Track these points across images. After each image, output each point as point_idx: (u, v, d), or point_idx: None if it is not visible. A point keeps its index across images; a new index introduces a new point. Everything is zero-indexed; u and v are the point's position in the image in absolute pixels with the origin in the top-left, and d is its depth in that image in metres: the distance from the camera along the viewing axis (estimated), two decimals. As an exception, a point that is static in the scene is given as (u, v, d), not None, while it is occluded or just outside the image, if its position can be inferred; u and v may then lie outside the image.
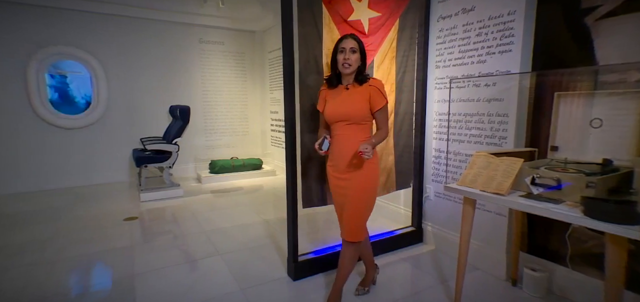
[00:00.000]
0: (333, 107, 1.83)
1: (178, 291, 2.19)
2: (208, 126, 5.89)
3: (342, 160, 1.83)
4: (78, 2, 4.64)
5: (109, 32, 4.96)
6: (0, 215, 3.74)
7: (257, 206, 4.06)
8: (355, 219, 1.84)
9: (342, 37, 1.82)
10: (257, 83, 6.26)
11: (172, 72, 5.47)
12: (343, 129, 1.82)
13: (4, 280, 2.33)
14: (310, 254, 2.43)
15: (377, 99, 1.79)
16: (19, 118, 4.57)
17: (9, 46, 4.41)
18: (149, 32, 5.22)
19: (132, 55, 5.15)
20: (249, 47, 6.10)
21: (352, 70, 1.80)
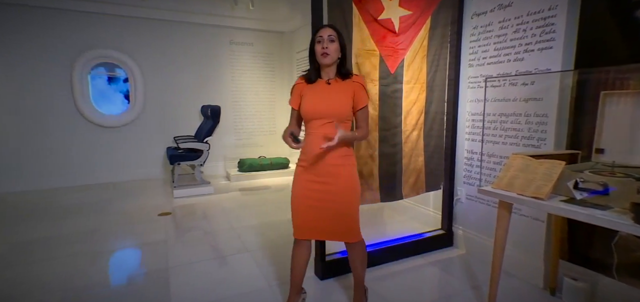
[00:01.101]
0: (312, 103, 1.66)
1: (209, 285, 2.26)
2: (237, 125, 6.04)
3: (322, 162, 1.67)
4: (118, 7, 4.90)
5: (146, 35, 5.20)
6: (49, 207, 4.02)
7: (283, 205, 4.11)
8: (351, 219, 1.73)
9: (319, 27, 1.70)
10: (284, 83, 6.34)
11: (203, 72, 5.65)
12: (321, 128, 1.65)
13: (56, 267, 2.51)
14: (338, 254, 2.43)
15: (361, 96, 1.67)
16: (64, 117, 4.89)
17: (57, 50, 4.73)
18: (182, 35, 5.42)
19: (167, 57, 5.38)
20: (278, 48, 6.19)
21: (332, 61, 1.65)
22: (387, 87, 2.34)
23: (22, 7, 4.47)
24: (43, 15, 4.61)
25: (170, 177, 5.27)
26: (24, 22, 4.52)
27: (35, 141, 4.76)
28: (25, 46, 4.56)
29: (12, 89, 4.57)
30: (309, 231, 1.78)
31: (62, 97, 4.84)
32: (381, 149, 2.39)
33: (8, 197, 4.44)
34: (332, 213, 1.71)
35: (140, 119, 5.33)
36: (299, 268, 1.85)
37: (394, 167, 2.48)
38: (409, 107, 2.45)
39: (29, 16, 4.53)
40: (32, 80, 4.66)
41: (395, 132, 2.43)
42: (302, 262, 1.84)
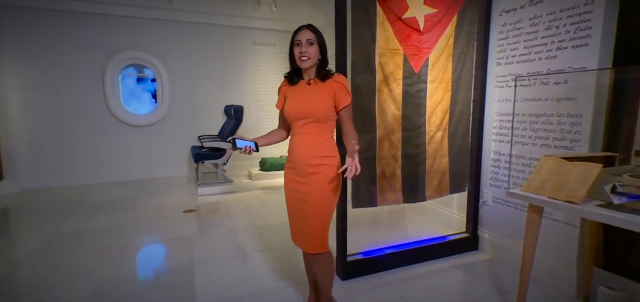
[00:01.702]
0: (294, 104, 1.65)
1: (232, 281, 2.30)
2: (259, 125, 6.11)
3: (303, 162, 1.63)
4: (146, 10, 5.08)
5: (172, 37, 5.36)
6: (82, 202, 4.22)
7: (305, 204, 4.12)
8: (320, 228, 1.65)
9: (298, 29, 1.64)
10: (306, 83, 6.36)
11: (227, 73, 5.77)
12: (304, 128, 1.64)
13: (89, 259, 2.63)
14: (359, 254, 2.42)
15: (342, 96, 1.62)
16: (96, 117, 5.12)
17: (90, 53, 4.96)
18: (206, 36, 5.55)
19: (192, 58, 5.52)
20: (299, 48, 6.21)
21: (311, 64, 1.62)
22: (411, 87, 2.30)
23: (58, 12, 4.72)
24: (77, 19, 4.84)
25: (194, 175, 5.41)
26: (60, 27, 4.77)
27: (69, 139, 5.01)
28: (60, 49, 4.80)
29: (49, 90, 4.83)
30: (296, 237, 1.75)
31: (94, 98, 5.07)
32: (404, 150, 2.36)
33: (46, 192, 4.70)
34: (303, 216, 1.65)
35: (166, 118, 5.50)
36: (308, 269, 1.89)
37: (417, 168, 2.44)
38: (433, 107, 2.40)
39: (64, 21, 4.77)
40: (67, 81, 4.91)
41: (418, 132, 2.39)
42: (309, 264, 1.84)
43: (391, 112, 2.27)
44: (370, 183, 2.31)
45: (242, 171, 5.98)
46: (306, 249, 1.70)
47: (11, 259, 2.66)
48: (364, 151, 2.26)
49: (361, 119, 2.20)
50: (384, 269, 2.41)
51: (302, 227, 1.67)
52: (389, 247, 2.56)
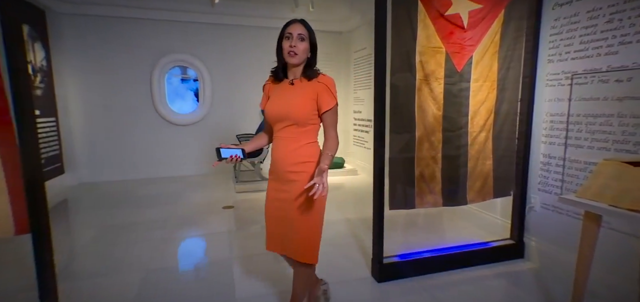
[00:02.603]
0: (274, 105, 1.54)
1: (269, 277, 2.35)
2: (294, 125, 6.20)
3: (283, 169, 1.53)
4: (190, 14, 5.33)
5: (213, 39, 5.58)
6: (131, 196, 4.52)
7: (338, 204, 4.12)
8: (311, 237, 1.55)
9: (289, 22, 1.53)
10: (341, 83, 6.36)
11: (264, 74, 5.83)
12: (284, 132, 1.53)
13: (137, 250, 2.81)
14: (396, 257, 2.37)
15: (326, 98, 1.50)
16: (144, 115, 5.45)
17: (138, 55, 5.29)
18: (245, 38, 5.72)
19: (232, 59, 5.72)
20: (335, 48, 6.23)
21: (299, 61, 1.51)
22: (453, 86, 2.22)
23: (111, 18, 5.08)
24: (128, 25, 5.19)
25: (232, 173, 5.59)
26: (113, 32, 5.13)
27: (120, 137, 5.38)
28: (113, 53, 5.17)
29: (103, 91, 5.21)
30: (274, 244, 1.66)
31: (143, 98, 5.40)
32: (445, 151, 2.28)
33: (99, 185, 5.08)
34: (292, 225, 1.55)
35: (207, 117, 5.74)
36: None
37: (459, 171, 2.35)
38: (476, 107, 2.30)
39: (117, 26, 5.13)
40: (119, 82, 5.27)
41: (460, 133, 2.30)
42: None
43: (431, 112, 2.20)
44: (408, 184, 2.26)
45: (278, 169, 6.09)
46: (298, 257, 1.58)
47: (70, 246, 2.90)
48: (402, 152, 2.21)
49: (399, 119, 2.16)
50: (421, 273, 2.35)
51: (289, 235, 1.57)
52: (426, 251, 2.49)
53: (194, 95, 5.96)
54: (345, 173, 5.70)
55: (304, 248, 1.56)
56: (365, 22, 5.37)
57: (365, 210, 3.88)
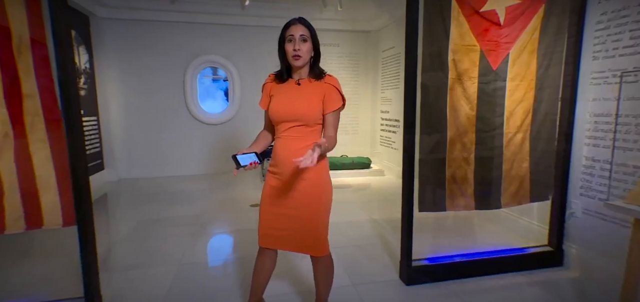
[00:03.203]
0: (280, 105, 1.53)
1: (295, 275, 2.37)
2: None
3: (286, 167, 1.53)
4: (220, 17, 5.47)
5: (243, 40, 5.70)
6: (164, 193, 4.71)
7: (364, 205, 4.09)
8: (322, 232, 1.58)
9: (289, 23, 1.52)
10: (369, 83, 6.31)
11: (292, 74, 5.96)
12: (290, 132, 1.53)
13: (170, 243, 2.93)
14: (425, 260, 2.32)
15: (333, 98, 1.52)
16: (177, 115, 5.66)
17: (172, 56, 5.50)
18: (274, 39, 5.76)
19: (260, 59, 5.81)
20: (363, 47, 6.18)
21: (304, 63, 1.51)
22: (488, 85, 2.14)
23: (147, 22, 5.31)
24: (163, 28, 5.41)
25: (260, 171, 5.69)
26: (149, 35, 5.36)
27: (154, 135, 5.62)
28: (150, 54, 5.41)
29: (140, 91, 5.47)
30: (273, 240, 1.64)
31: (176, 98, 5.61)
32: (478, 152, 2.20)
33: (136, 181, 5.34)
34: (297, 222, 1.56)
35: (236, 117, 5.87)
36: (261, 279, 1.73)
37: (493, 173, 2.26)
38: (513, 106, 2.20)
39: (152, 30, 5.36)
40: (154, 83, 5.51)
41: (495, 134, 2.21)
42: (265, 273, 1.73)
43: (464, 112, 2.13)
44: (439, 186, 2.20)
45: (304, 169, 6.13)
46: (313, 252, 1.61)
47: (109, 239, 3.07)
48: (432, 153, 2.16)
49: (430, 119, 2.11)
50: (452, 278, 2.28)
51: (299, 233, 1.58)
52: (457, 255, 2.42)
53: (224, 95, 6.13)
54: (372, 173, 5.65)
55: (318, 242, 1.59)
56: (394, 21, 5.28)
57: (392, 211, 3.83)
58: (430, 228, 3.21)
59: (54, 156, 1.71)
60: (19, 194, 1.69)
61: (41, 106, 1.65)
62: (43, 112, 1.66)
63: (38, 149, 1.67)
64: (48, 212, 1.74)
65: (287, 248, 1.64)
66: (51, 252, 2.71)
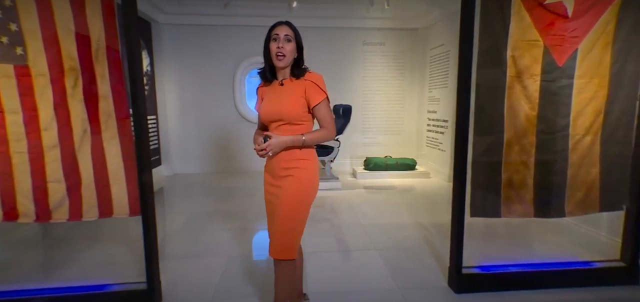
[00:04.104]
0: (266, 106, 1.61)
1: (339, 275, 2.37)
2: (365, 125, 6.17)
3: (277, 165, 1.59)
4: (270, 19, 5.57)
5: (289, 42, 5.82)
6: (215, 188, 4.97)
7: (409, 207, 3.98)
8: (286, 233, 1.55)
9: (275, 24, 1.58)
10: (415, 82, 6.13)
11: (336, 73, 5.98)
12: (277, 131, 1.58)
13: (220, 236, 3.08)
14: (476, 268, 2.20)
15: (314, 93, 1.54)
16: (226, 113, 5.94)
17: (223, 58, 5.78)
18: (319, 39, 5.85)
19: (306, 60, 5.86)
20: (410, 46, 6.03)
21: (286, 63, 1.56)
22: (552, 83, 1.97)
23: (202, 26, 5.63)
24: (215, 32, 5.70)
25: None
26: (202, 39, 5.69)
27: (206, 133, 5.95)
28: (203, 56, 5.73)
29: (193, 91, 5.81)
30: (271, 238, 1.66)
31: (226, 97, 5.89)
32: (539, 156, 2.04)
33: (189, 177, 5.69)
34: (277, 219, 1.57)
35: (281, 116, 6.02)
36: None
37: (555, 178, 2.08)
38: (581, 106, 2.01)
39: (207, 33, 5.67)
40: (206, 83, 5.82)
41: (559, 136, 2.04)
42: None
43: (524, 112, 1.99)
44: (493, 191, 2.07)
45: (347, 168, 6.12)
46: (271, 253, 1.58)
47: (165, 230, 3.30)
48: (487, 155, 2.04)
49: (485, 119, 2.00)
50: (505, 289, 2.15)
51: (273, 231, 1.59)
52: (512, 264, 2.27)
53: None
54: (417, 175, 5.48)
55: (281, 243, 1.56)
56: (444, 17, 5.08)
57: (439, 215, 3.69)
58: (479, 234, 3.04)
59: (122, 151, 1.88)
60: (94, 186, 1.88)
61: (113, 106, 1.82)
62: (115, 111, 1.83)
63: (110, 144, 1.85)
64: (117, 202, 1.92)
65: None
66: (114, 239, 2.98)
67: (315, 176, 1.62)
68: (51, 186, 1.83)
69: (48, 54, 1.72)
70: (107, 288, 2.01)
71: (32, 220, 1.87)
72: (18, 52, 1.71)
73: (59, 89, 1.76)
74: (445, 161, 5.21)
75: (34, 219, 1.86)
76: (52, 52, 1.72)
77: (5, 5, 1.66)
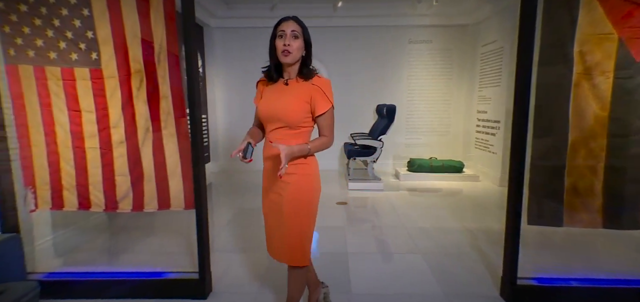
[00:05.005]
0: (266, 105, 1.52)
1: (383, 277, 2.34)
2: (409, 125, 6.01)
3: (272, 169, 1.54)
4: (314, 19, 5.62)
5: (333, 41, 5.84)
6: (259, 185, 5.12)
7: (456, 211, 3.81)
8: (296, 241, 1.50)
9: (281, 20, 1.47)
10: (463, 80, 5.86)
11: (381, 73, 5.90)
12: (277, 133, 1.50)
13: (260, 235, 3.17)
14: (533, 280, 2.06)
15: (320, 101, 1.45)
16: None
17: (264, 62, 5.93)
18: (363, 38, 5.81)
19: (349, 59, 5.89)
20: (458, 43, 5.77)
21: (293, 60, 1.46)
22: (628, 81, 1.77)
23: (249, 29, 5.84)
24: (262, 34, 5.86)
25: (344, 170, 5.78)
26: (250, 41, 5.89)
27: (251, 132, 6.16)
28: (249, 58, 5.93)
29: (240, 91, 6.04)
30: (271, 249, 1.64)
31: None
32: (610, 161, 1.85)
33: (235, 173, 5.93)
34: (280, 227, 1.53)
35: (323, 116, 6.06)
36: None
37: (629, 186, 1.87)
38: (663, 106, 1.79)
39: (253, 35, 5.86)
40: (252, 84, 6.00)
41: (634, 139, 1.83)
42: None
43: (592, 112, 1.81)
44: (554, 198, 1.92)
45: (390, 169, 6.01)
46: (287, 261, 1.55)
47: (214, 224, 3.47)
48: (547, 159, 1.89)
49: (546, 120, 1.85)
50: (569, 305, 1.98)
51: (280, 238, 1.55)
52: (574, 278, 2.09)
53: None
54: (464, 178, 5.23)
55: (294, 250, 1.53)
56: (497, 12, 4.79)
57: (488, 221, 3.50)
58: (532, 242, 2.83)
59: (179, 148, 2.00)
60: (154, 180, 2.03)
61: (172, 105, 1.95)
62: (173, 110, 1.96)
63: (169, 142, 1.99)
64: (174, 196, 2.05)
65: (275, 256, 1.62)
66: (167, 230, 3.19)
67: (317, 179, 1.57)
68: (118, 179, 2.01)
69: (118, 58, 1.89)
70: (163, 275, 2.15)
71: (102, 209, 2.06)
72: (93, 57, 1.89)
73: (126, 90, 1.92)
74: (496, 163, 4.92)
75: (103, 209, 2.06)
76: (121, 57, 1.89)
77: (84, 15, 1.85)
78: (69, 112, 1.95)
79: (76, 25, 1.86)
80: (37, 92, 1.94)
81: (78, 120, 1.96)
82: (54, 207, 2.07)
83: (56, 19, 1.86)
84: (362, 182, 4.80)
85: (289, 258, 1.55)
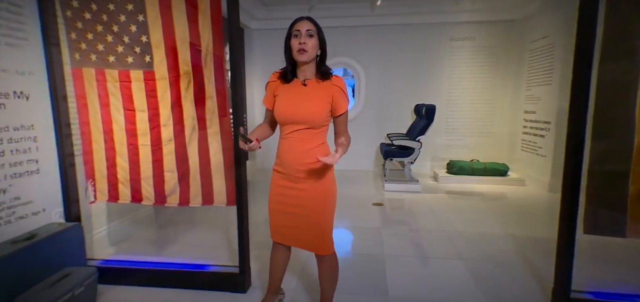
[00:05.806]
0: (286, 106, 1.52)
1: (421, 282, 2.28)
2: (449, 125, 5.81)
3: (295, 169, 1.55)
4: (353, 19, 5.67)
5: (370, 40, 5.79)
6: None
7: (500, 217, 3.62)
8: (325, 229, 1.61)
9: (296, 20, 1.50)
10: (509, 79, 5.55)
11: (420, 72, 5.75)
12: (297, 134, 1.53)
13: (299, 230, 3.22)
14: (588, 293, 1.90)
15: (341, 101, 1.52)
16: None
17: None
18: (402, 36, 5.69)
19: (387, 58, 5.80)
20: (503, 40, 5.47)
21: (308, 59, 1.48)
22: None
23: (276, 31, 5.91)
24: (299, 34, 5.96)
25: (380, 170, 5.70)
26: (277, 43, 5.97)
27: (288, 131, 6.27)
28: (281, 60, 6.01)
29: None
30: (282, 237, 1.71)
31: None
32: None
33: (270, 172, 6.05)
34: (304, 221, 1.60)
35: (360, 116, 6.02)
36: (276, 270, 1.81)
37: None
38: None
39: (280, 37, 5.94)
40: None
41: None
42: (280, 265, 1.80)
43: (663, 114, 1.64)
44: (617, 206, 1.76)
45: (428, 171, 5.84)
46: (319, 251, 1.64)
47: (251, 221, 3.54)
48: (608, 163, 1.74)
49: (607, 121, 1.71)
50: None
51: (305, 231, 1.62)
52: (637, 295, 1.90)
53: (351, 91, 6.36)
54: (509, 182, 4.96)
55: (322, 241, 1.62)
56: (547, 6, 4.49)
57: (535, 228, 3.30)
58: (585, 252, 2.61)
59: (223, 146, 2.09)
60: (199, 176, 2.12)
61: (217, 105, 2.03)
62: (217, 109, 2.04)
63: (213, 140, 2.07)
64: (217, 192, 2.14)
65: (294, 244, 1.71)
66: (208, 225, 3.33)
67: (333, 175, 1.66)
68: (167, 175, 2.13)
69: (168, 60, 2.00)
70: (205, 268, 2.25)
71: (152, 203, 2.20)
72: (146, 60, 2.02)
73: (175, 91, 2.03)
74: (545, 167, 4.60)
75: (153, 203, 2.19)
76: (172, 59, 2.00)
77: (139, 21, 1.98)
78: (124, 112, 2.10)
79: (132, 30, 2.00)
80: (97, 93, 2.11)
81: (132, 119, 2.10)
82: (110, 199, 2.24)
83: (115, 25, 2.01)
84: (399, 183, 4.71)
85: (322, 249, 1.64)
